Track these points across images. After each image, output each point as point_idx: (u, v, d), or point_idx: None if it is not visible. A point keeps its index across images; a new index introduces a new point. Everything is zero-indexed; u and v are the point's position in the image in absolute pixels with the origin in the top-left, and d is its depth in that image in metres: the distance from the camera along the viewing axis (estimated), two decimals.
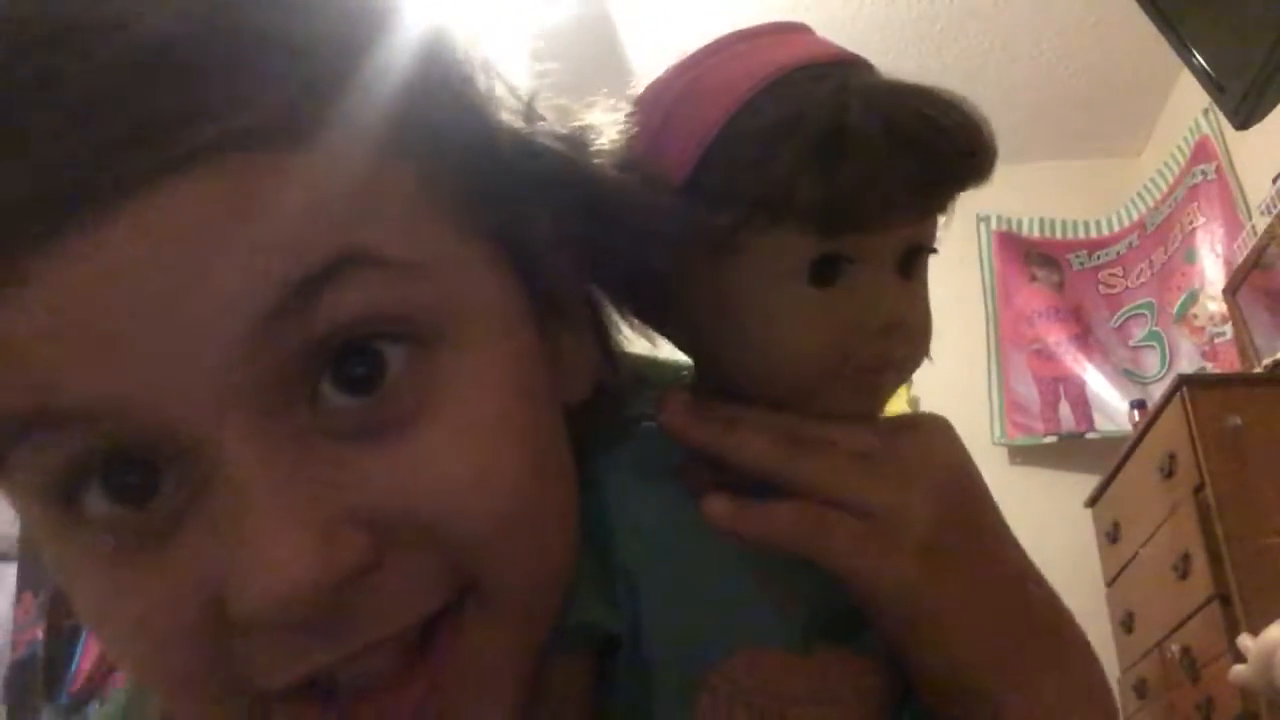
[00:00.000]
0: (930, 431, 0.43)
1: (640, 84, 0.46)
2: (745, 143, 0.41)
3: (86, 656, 3.00)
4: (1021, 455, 3.10)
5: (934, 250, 0.44)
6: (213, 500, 0.31)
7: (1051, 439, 3.07)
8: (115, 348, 0.29)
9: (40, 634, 1.71)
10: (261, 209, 0.30)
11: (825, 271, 0.41)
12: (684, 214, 0.40)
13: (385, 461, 0.32)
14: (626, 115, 0.43)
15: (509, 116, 0.39)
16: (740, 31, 0.45)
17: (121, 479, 0.31)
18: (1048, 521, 2.86)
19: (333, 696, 0.33)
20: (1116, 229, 3.25)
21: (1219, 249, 2.76)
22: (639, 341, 0.47)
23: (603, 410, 0.43)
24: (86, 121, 0.28)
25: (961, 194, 0.43)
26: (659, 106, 0.44)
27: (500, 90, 0.40)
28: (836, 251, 0.40)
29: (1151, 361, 3.04)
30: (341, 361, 0.32)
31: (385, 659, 0.33)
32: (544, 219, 0.38)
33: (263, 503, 0.30)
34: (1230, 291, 2.57)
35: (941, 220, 0.44)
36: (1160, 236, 3.08)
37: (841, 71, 0.42)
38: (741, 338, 0.42)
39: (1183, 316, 2.91)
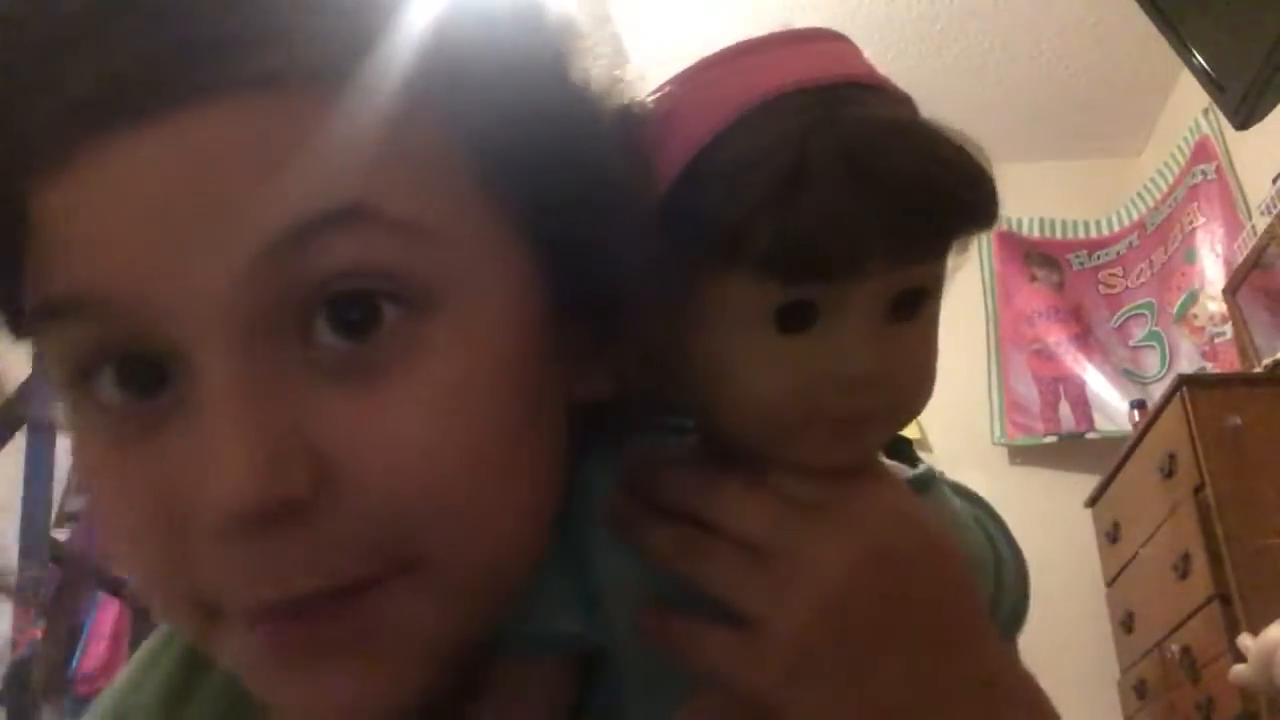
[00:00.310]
0: (855, 523, 0.39)
1: (640, 87, 0.44)
2: (710, 179, 0.38)
3: (87, 656, 3.00)
4: (1021, 455, 3.10)
5: (929, 293, 0.40)
6: (191, 407, 0.32)
7: (1051, 439, 3.07)
8: (135, 247, 0.32)
9: (40, 634, 1.70)
10: (283, 146, 0.32)
11: (793, 318, 0.37)
12: (653, 248, 0.38)
13: (351, 408, 0.33)
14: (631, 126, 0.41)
15: (570, 100, 0.39)
16: (751, 41, 0.42)
17: (130, 370, 0.33)
18: (1048, 521, 2.86)
19: (277, 613, 0.34)
20: (1116, 229, 3.25)
21: (1219, 249, 2.76)
22: None
23: (618, 411, 0.42)
24: (150, 32, 0.31)
25: (957, 238, 0.40)
26: (653, 122, 0.41)
27: (572, 71, 0.39)
28: (802, 300, 0.37)
29: (1151, 361, 3.04)
30: (340, 304, 0.33)
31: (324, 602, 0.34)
32: (591, 215, 0.38)
33: (225, 419, 0.31)
34: (1230, 291, 2.57)
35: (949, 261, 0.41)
36: (1160, 236, 3.08)
37: (832, 100, 0.38)
38: (706, 381, 0.40)
39: (1183, 316, 2.91)
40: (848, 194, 0.36)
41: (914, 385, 0.41)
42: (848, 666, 0.37)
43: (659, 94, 0.42)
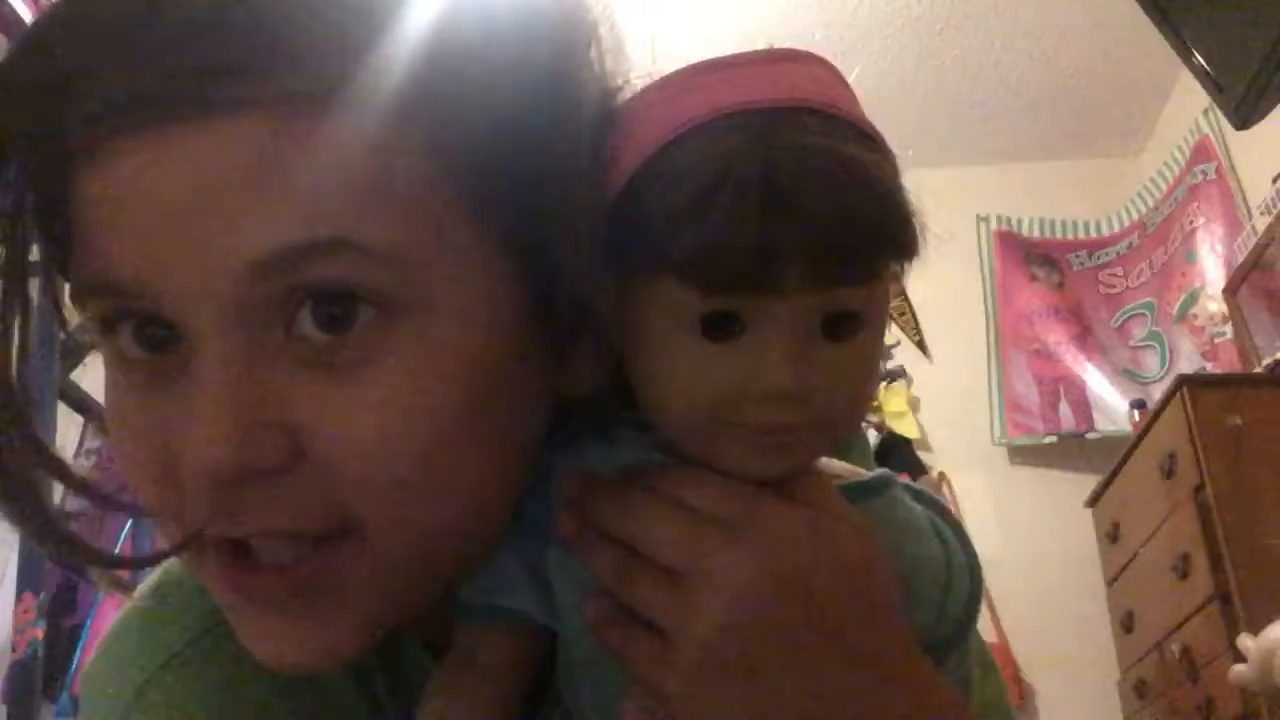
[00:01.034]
0: (760, 536, 0.40)
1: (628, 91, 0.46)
2: (645, 188, 0.40)
3: (87, 656, 3.00)
4: (1021, 455, 3.10)
5: (864, 318, 0.41)
6: (191, 373, 0.38)
7: (1051, 439, 3.07)
8: (147, 242, 0.37)
9: (40, 634, 1.70)
10: (280, 170, 0.36)
11: (717, 328, 0.39)
12: (599, 250, 0.41)
13: (321, 393, 0.38)
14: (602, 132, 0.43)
15: (554, 124, 0.41)
16: (718, 59, 0.44)
17: (146, 329, 0.39)
18: (1048, 521, 2.87)
19: (245, 557, 0.40)
20: (1116, 229, 3.25)
21: (1219, 249, 2.76)
22: None
23: (593, 408, 0.45)
24: (171, 52, 0.36)
25: (881, 267, 0.40)
26: (617, 131, 0.43)
27: (559, 94, 0.42)
28: (726, 309, 0.39)
29: (1151, 361, 3.04)
30: (322, 301, 0.38)
31: (283, 551, 0.39)
32: (564, 223, 0.41)
33: (213, 392, 0.37)
34: (1230, 291, 2.57)
35: (881, 287, 0.41)
36: (1160, 236, 3.08)
37: (772, 123, 0.39)
38: (644, 378, 0.42)
39: (1183, 316, 2.91)
40: (761, 214, 0.37)
41: (842, 404, 0.41)
42: (747, 679, 0.39)
43: (629, 105, 0.44)
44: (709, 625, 0.39)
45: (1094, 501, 2.73)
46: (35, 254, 0.42)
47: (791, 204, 0.37)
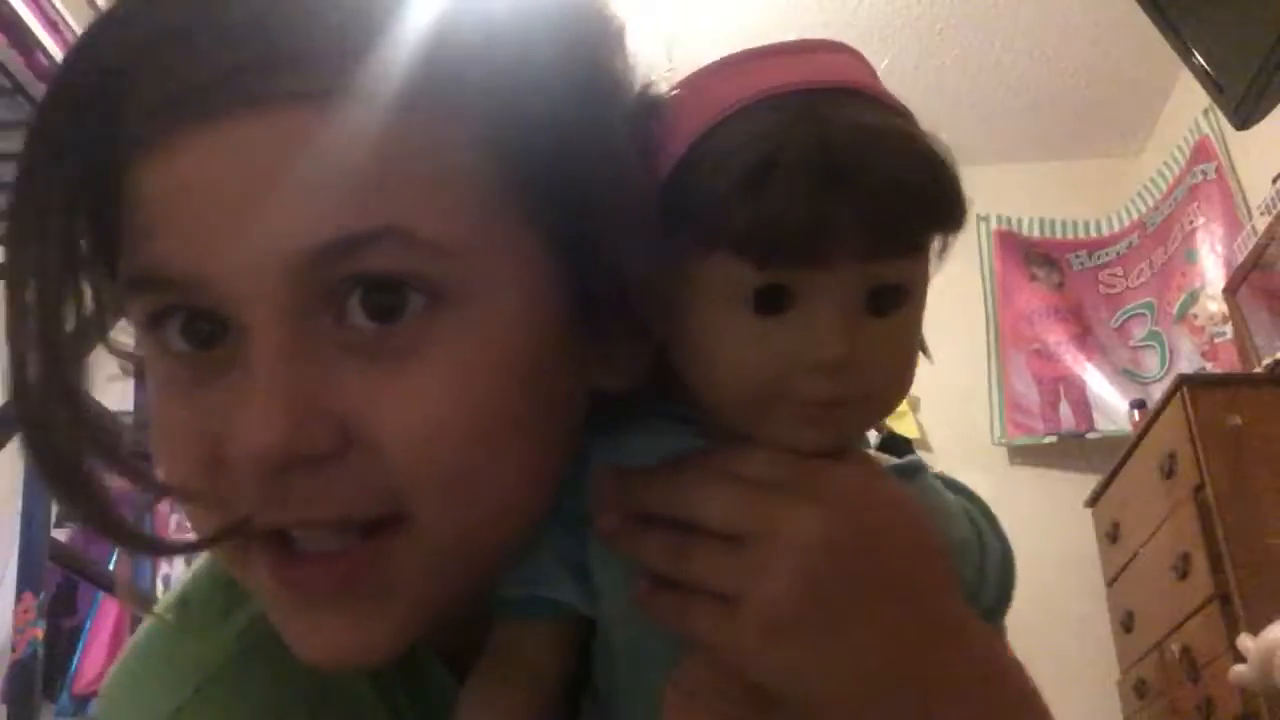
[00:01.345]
0: (819, 498, 0.41)
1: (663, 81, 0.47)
2: (698, 165, 0.41)
3: (87, 656, 3.00)
4: (1021, 455, 3.10)
5: (906, 290, 0.42)
6: (240, 365, 0.38)
7: (1051, 439, 3.07)
8: (201, 233, 0.38)
9: (40, 634, 1.70)
10: (334, 160, 0.37)
11: (769, 302, 0.40)
12: (652, 231, 0.42)
13: (371, 382, 0.38)
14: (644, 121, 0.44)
15: (596, 113, 0.42)
16: (760, 48, 0.45)
17: (194, 326, 0.39)
18: (1048, 521, 2.86)
19: (290, 549, 0.40)
20: (1116, 229, 3.25)
21: (1219, 249, 2.75)
22: None
23: (630, 401, 0.46)
24: (227, 46, 0.37)
25: (927, 239, 0.42)
26: (661, 120, 0.44)
27: (599, 82, 0.43)
28: (778, 282, 0.40)
29: (1151, 361, 3.04)
30: (372, 291, 0.38)
31: (330, 542, 0.40)
32: (609, 218, 0.42)
33: (265, 379, 0.37)
34: (1230, 291, 2.56)
35: (932, 259, 0.43)
36: (1160, 236, 3.08)
37: (819, 101, 0.41)
38: (693, 359, 0.43)
39: (1183, 316, 2.91)
40: (816, 186, 0.38)
41: (887, 378, 0.43)
42: (819, 633, 0.40)
43: (669, 95, 0.45)
44: (780, 583, 0.39)
45: (1094, 501, 2.73)
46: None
47: (844, 175, 0.38)
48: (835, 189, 0.38)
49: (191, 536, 0.43)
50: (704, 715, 0.42)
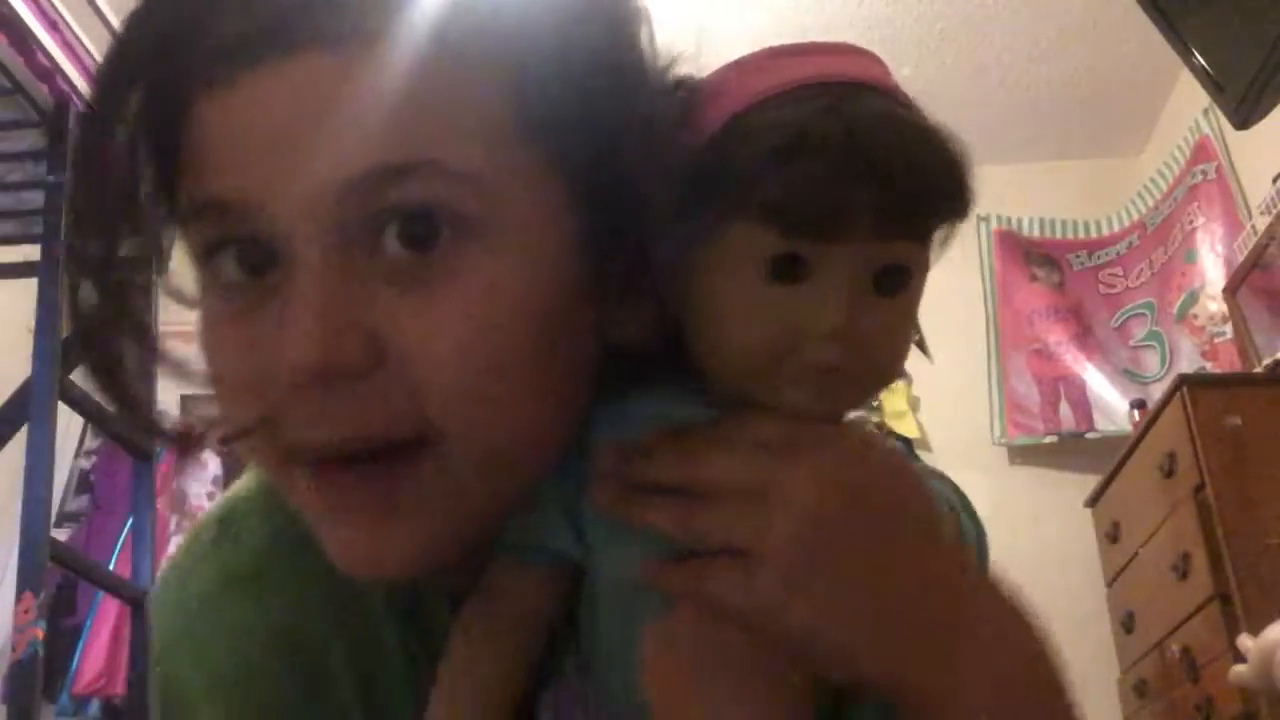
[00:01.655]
0: (823, 454, 0.43)
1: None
2: (735, 141, 0.45)
3: (87, 656, 3.00)
4: (1021, 455, 3.10)
5: (910, 273, 0.45)
6: (286, 291, 0.42)
7: (1051, 439, 3.07)
8: (256, 165, 0.42)
9: (40, 634, 1.70)
10: (377, 97, 0.41)
11: (784, 271, 0.43)
12: (674, 197, 0.45)
13: (404, 304, 0.42)
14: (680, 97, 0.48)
15: (616, 64, 0.46)
16: (796, 44, 0.49)
17: (247, 254, 0.43)
18: (1048, 522, 2.86)
19: (329, 464, 0.43)
20: (1116, 229, 3.25)
21: (1219, 249, 2.75)
22: None
23: (634, 367, 0.49)
24: None
25: (936, 224, 0.46)
26: (704, 92, 0.48)
27: (619, 37, 0.47)
28: (794, 252, 0.43)
29: (1151, 361, 3.04)
30: (407, 219, 0.42)
31: (366, 462, 0.43)
32: (625, 167, 0.45)
33: (307, 297, 0.41)
34: (1230, 291, 2.57)
35: (935, 244, 0.47)
36: (1160, 236, 3.08)
37: (847, 93, 0.45)
38: (706, 322, 0.46)
39: (1183, 316, 2.91)
40: (841, 166, 0.42)
41: (885, 355, 0.46)
42: (838, 580, 0.42)
43: (716, 74, 0.49)
44: (793, 530, 0.41)
45: (1094, 501, 2.73)
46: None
47: (869, 157, 0.42)
48: (858, 170, 0.42)
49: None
50: (683, 667, 0.45)
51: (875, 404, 2.88)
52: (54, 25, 2.18)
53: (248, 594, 0.52)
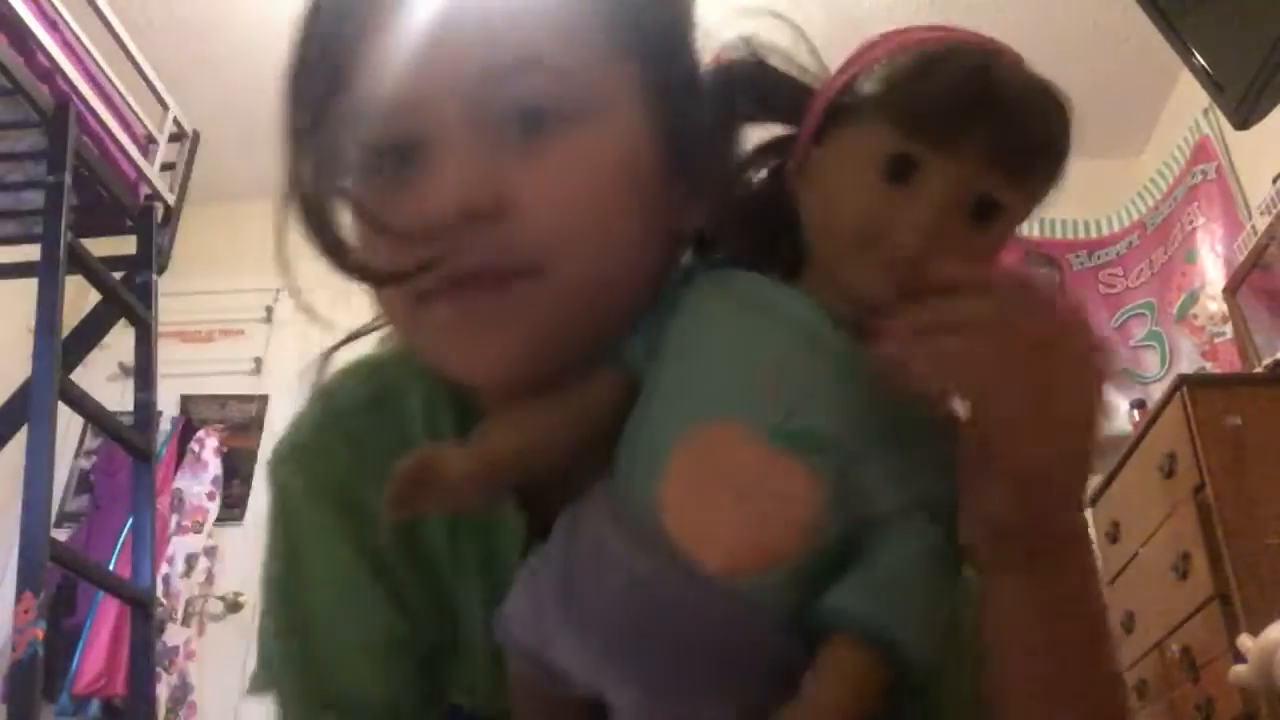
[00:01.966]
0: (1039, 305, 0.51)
1: None
2: (878, 66, 0.53)
3: (87, 656, 3.00)
4: None
5: (1002, 211, 0.51)
6: (432, 167, 0.55)
7: None
8: (410, 66, 0.56)
9: (40, 634, 1.71)
10: (506, 8, 0.56)
11: (896, 170, 0.50)
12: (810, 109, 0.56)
13: (522, 170, 0.55)
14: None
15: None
16: (931, 24, 0.56)
17: (401, 150, 0.56)
18: None
19: (469, 288, 0.56)
20: (1116, 229, 3.25)
21: (1219, 249, 2.76)
22: None
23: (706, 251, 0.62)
24: None
25: (1038, 173, 0.52)
26: (860, 48, 0.57)
27: None
28: (909, 154, 0.49)
29: (1151, 361, 3.04)
30: (523, 106, 0.55)
31: (491, 285, 0.55)
32: (697, 81, 0.60)
33: (456, 162, 0.55)
34: (1230, 291, 2.57)
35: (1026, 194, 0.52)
36: (1160, 236, 3.08)
37: (981, 47, 0.53)
38: (819, 203, 0.53)
39: (1183, 316, 2.91)
40: (976, 90, 0.49)
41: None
42: (1029, 372, 0.48)
43: (869, 39, 0.58)
44: (1014, 339, 0.48)
45: (1094, 501, 2.73)
46: None
47: (1001, 92, 0.49)
48: (989, 99, 0.49)
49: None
50: (703, 481, 0.50)
51: None
52: (54, 25, 2.19)
53: (338, 433, 0.65)
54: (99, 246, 2.28)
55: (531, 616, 0.54)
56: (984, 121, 0.49)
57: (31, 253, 2.14)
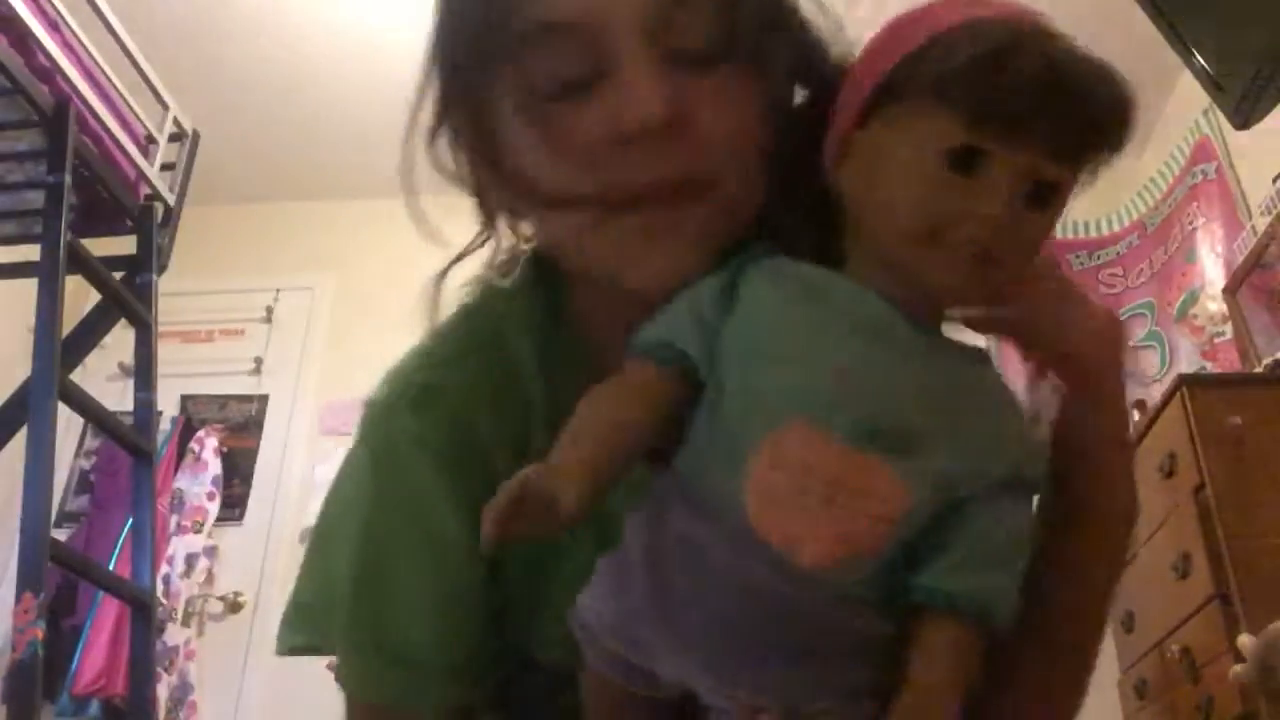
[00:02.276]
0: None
1: None
2: (937, 48, 0.52)
3: (87, 656, 3.00)
4: None
5: (1061, 193, 0.53)
6: (611, 86, 0.59)
7: None
8: None
9: (40, 634, 1.70)
10: None
11: (960, 161, 0.50)
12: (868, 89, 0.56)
13: (699, 92, 0.60)
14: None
15: None
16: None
17: (571, 73, 0.60)
18: None
19: (653, 200, 0.60)
20: (1116, 229, 3.25)
21: (1219, 249, 2.76)
22: None
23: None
24: None
25: (1098, 154, 0.54)
26: (895, 27, 0.57)
27: None
28: (974, 145, 0.50)
29: (1151, 362, 3.04)
30: (685, 31, 0.60)
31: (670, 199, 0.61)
32: (785, 52, 0.64)
33: (640, 77, 0.58)
34: (1230, 291, 2.56)
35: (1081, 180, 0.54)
36: (1160, 236, 3.08)
37: (1040, 27, 0.53)
38: (880, 198, 0.53)
39: (1183, 316, 2.91)
40: (1039, 79, 0.49)
41: (1020, 261, 0.54)
42: (1087, 318, 0.64)
43: (906, 13, 0.57)
44: (1088, 328, 0.65)
45: None
46: None
47: (1064, 80, 0.50)
48: (1053, 88, 0.49)
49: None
50: (788, 477, 0.51)
51: None
52: (54, 25, 2.19)
53: (448, 378, 0.68)
54: (99, 246, 2.28)
55: (618, 621, 0.54)
56: (1053, 115, 0.50)
57: (31, 253, 2.14)
